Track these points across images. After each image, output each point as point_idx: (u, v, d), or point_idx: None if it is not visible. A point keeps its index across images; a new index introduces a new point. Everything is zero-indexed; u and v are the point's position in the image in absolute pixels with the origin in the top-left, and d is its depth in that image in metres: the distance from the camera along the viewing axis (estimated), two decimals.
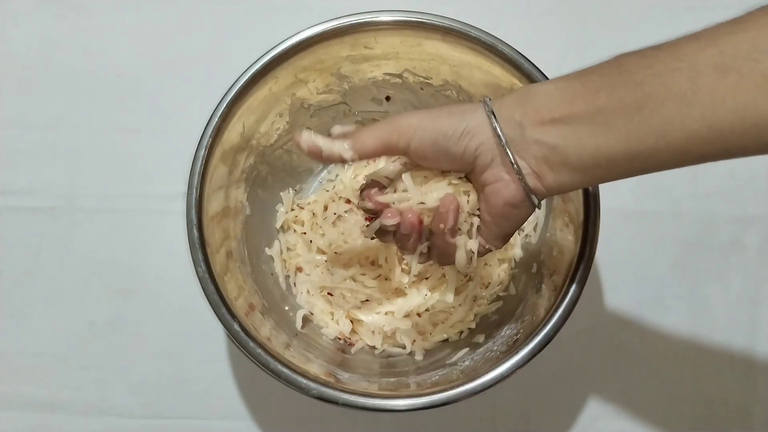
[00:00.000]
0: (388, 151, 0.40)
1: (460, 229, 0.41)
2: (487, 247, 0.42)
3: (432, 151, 0.39)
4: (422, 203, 0.41)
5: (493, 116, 0.37)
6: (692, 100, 0.31)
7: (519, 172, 0.37)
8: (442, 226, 0.40)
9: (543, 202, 0.55)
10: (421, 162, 0.40)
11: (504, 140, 0.37)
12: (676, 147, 0.32)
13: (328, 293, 0.56)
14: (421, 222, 0.41)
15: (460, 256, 0.41)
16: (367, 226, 0.44)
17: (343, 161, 0.41)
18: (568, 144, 0.35)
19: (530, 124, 0.36)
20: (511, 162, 0.37)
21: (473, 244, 0.41)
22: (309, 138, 0.41)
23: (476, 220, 0.41)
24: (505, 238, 0.42)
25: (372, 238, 0.46)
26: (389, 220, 0.41)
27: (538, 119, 0.36)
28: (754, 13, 0.31)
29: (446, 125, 0.38)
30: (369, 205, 0.42)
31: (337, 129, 0.42)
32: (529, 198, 0.38)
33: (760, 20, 0.30)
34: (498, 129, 0.37)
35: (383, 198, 0.41)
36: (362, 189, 0.43)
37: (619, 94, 0.33)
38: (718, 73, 0.30)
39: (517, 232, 0.57)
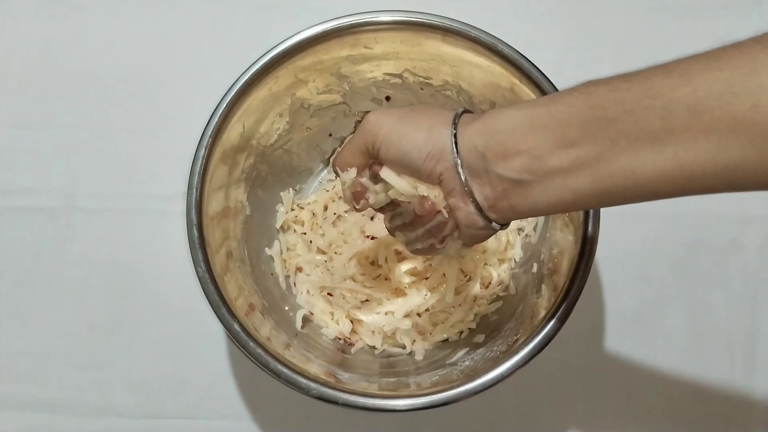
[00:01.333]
0: (368, 156, 0.40)
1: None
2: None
3: (398, 166, 0.39)
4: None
5: (455, 149, 0.36)
6: (664, 140, 0.30)
7: (479, 208, 0.36)
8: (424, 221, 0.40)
9: None
10: (390, 167, 0.40)
11: (464, 178, 0.36)
12: (646, 186, 0.31)
13: (328, 293, 0.56)
14: (437, 210, 0.40)
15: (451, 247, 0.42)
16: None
17: (356, 186, 0.41)
18: (533, 179, 0.34)
19: (494, 157, 0.35)
20: (471, 200, 0.36)
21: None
22: (347, 195, 0.42)
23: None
24: (472, 245, 0.42)
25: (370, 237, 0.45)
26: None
27: (502, 152, 0.34)
28: (728, 49, 0.29)
29: (410, 145, 0.37)
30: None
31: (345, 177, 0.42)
32: (490, 226, 0.37)
33: (734, 59, 0.29)
34: (459, 166, 0.36)
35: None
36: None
37: (590, 129, 0.32)
38: (691, 114, 0.29)
39: (517, 232, 0.57)
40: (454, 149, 0.36)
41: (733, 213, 0.61)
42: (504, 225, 0.38)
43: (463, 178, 0.36)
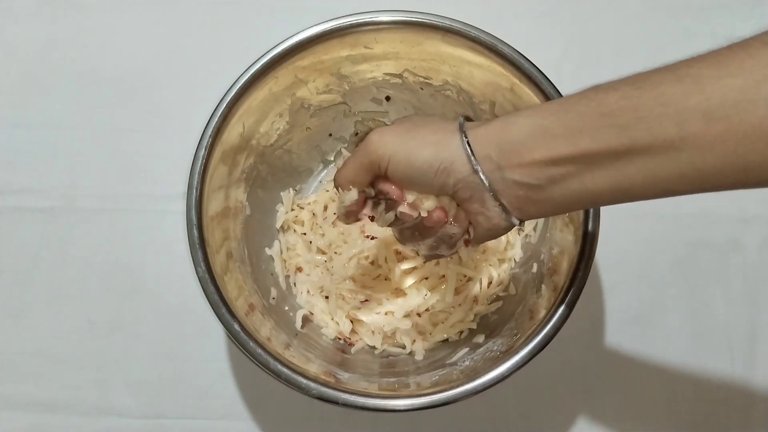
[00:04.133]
0: (374, 176, 0.40)
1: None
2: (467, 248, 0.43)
3: (408, 183, 0.39)
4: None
5: (473, 158, 0.36)
6: (680, 146, 0.30)
7: (505, 210, 0.37)
8: (434, 230, 0.41)
9: None
10: (400, 185, 0.40)
11: (488, 185, 0.36)
12: (662, 185, 0.32)
13: (326, 297, 0.56)
14: (446, 219, 0.40)
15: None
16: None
17: (353, 206, 0.41)
18: (552, 185, 0.35)
19: (509, 166, 0.35)
20: (497, 205, 0.37)
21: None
22: (341, 213, 0.42)
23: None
24: (483, 242, 0.42)
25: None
26: (408, 210, 0.40)
27: (517, 161, 0.35)
28: (736, 51, 0.30)
29: (420, 161, 0.37)
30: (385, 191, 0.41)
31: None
32: (511, 225, 0.38)
33: (745, 64, 0.29)
34: (481, 175, 0.36)
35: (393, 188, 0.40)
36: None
37: (604, 137, 0.32)
38: (706, 121, 0.29)
39: (517, 231, 0.57)
40: (472, 157, 0.36)
41: (733, 213, 0.61)
42: (522, 222, 0.38)
43: (486, 183, 0.36)
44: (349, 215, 0.43)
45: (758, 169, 0.29)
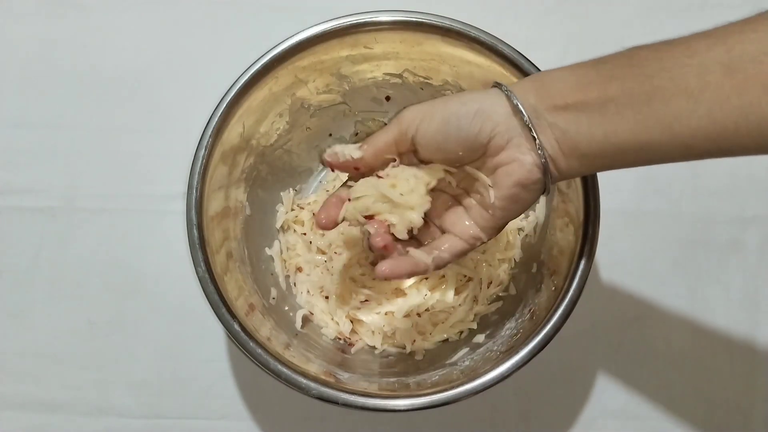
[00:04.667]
0: (398, 143, 0.41)
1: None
2: (479, 238, 0.42)
3: (441, 134, 0.39)
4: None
5: (513, 96, 0.37)
6: (699, 97, 0.31)
7: (541, 147, 0.37)
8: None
9: (542, 203, 0.55)
10: (426, 151, 0.40)
11: (527, 118, 0.37)
12: (681, 141, 0.33)
13: (326, 297, 0.56)
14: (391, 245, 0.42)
15: None
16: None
17: (355, 162, 0.42)
18: (579, 130, 0.36)
19: (544, 108, 0.36)
20: (534, 138, 0.37)
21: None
22: (330, 151, 0.42)
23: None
24: (500, 228, 0.42)
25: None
26: (375, 234, 0.42)
27: (552, 104, 0.36)
28: (765, 14, 0.31)
29: (457, 106, 0.38)
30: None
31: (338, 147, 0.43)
32: (546, 176, 0.38)
33: None
34: (521, 107, 0.37)
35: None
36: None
37: (630, 84, 0.34)
38: (725, 72, 0.31)
39: (517, 232, 0.57)
40: (513, 96, 0.37)
41: (733, 213, 0.61)
42: (554, 181, 0.39)
43: (527, 120, 0.37)
44: (330, 156, 0.42)
45: None
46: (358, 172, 0.43)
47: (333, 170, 0.44)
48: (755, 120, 0.30)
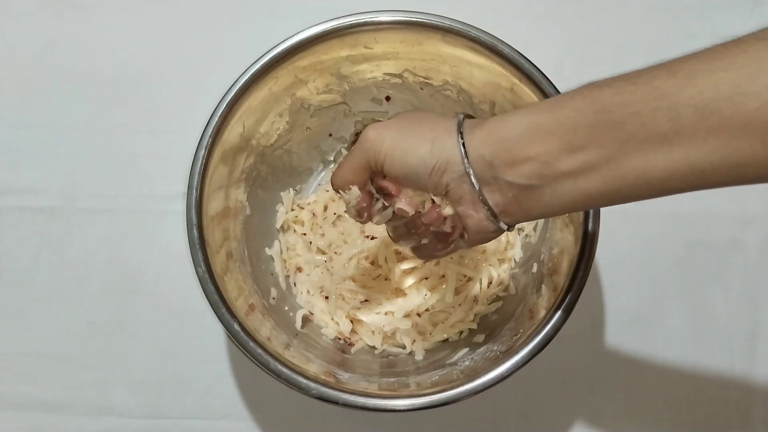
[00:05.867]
0: (368, 172, 0.40)
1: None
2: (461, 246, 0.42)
3: (404, 180, 0.39)
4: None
5: (466, 158, 0.36)
6: (674, 140, 0.30)
7: (493, 215, 0.37)
8: (431, 228, 0.41)
9: None
10: (397, 183, 0.40)
11: (477, 188, 0.36)
12: (656, 184, 0.32)
13: (326, 297, 0.56)
14: (444, 217, 0.40)
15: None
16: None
17: (361, 202, 0.41)
18: (542, 183, 0.34)
19: (501, 164, 0.35)
20: (485, 207, 0.36)
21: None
22: (353, 209, 0.42)
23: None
24: (477, 245, 0.42)
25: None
26: (406, 206, 0.40)
27: (510, 159, 0.34)
28: (730, 47, 0.30)
29: (415, 160, 0.37)
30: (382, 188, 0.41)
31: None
32: (500, 230, 0.38)
33: (738, 58, 0.29)
34: (472, 178, 0.36)
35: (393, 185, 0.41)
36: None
37: (597, 133, 0.32)
38: (699, 115, 0.29)
39: (517, 232, 0.57)
40: (465, 159, 0.36)
41: (733, 213, 0.61)
42: (511, 227, 0.38)
43: (477, 187, 0.36)
44: (361, 213, 0.42)
45: (752, 163, 0.29)
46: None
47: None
48: (734, 159, 0.29)
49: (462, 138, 0.36)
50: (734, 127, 0.29)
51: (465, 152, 0.36)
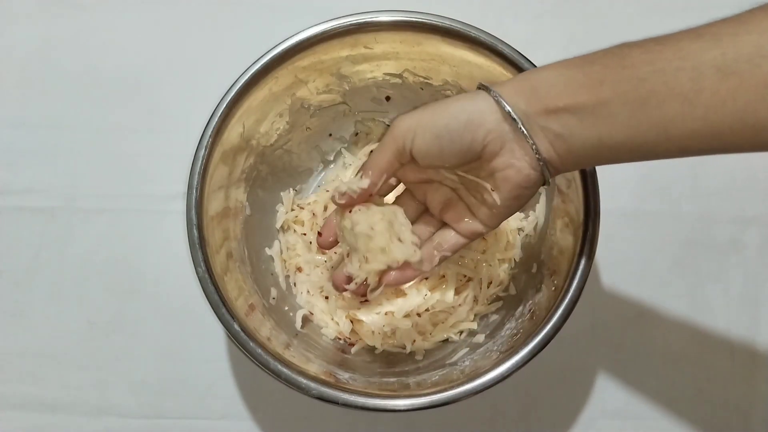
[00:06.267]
0: (398, 159, 0.41)
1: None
2: (480, 233, 0.43)
3: (436, 147, 0.39)
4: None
5: (504, 102, 0.37)
6: (694, 101, 0.31)
7: (538, 152, 0.37)
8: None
9: (542, 203, 0.55)
10: (425, 161, 0.40)
11: (521, 124, 0.36)
12: (676, 142, 0.33)
13: (326, 297, 0.56)
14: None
15: None
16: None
17: (367, 190, 0.42)
18: (572, 133, 0.35)
19: (534, 113, 0.36)
20: (530, 144, 0.37)
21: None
22: (338, 192, 0.42)
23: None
24: (503, 219, 0.42)
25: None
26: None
27: (542, 108, 0.36)
28: (756, 12, 0.31)
29: (446, 118, 0.38)
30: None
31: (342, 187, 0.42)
32: (544, 177, 0.38)
33: (762, 23, 0.30)
34: (512, 114, 0.36)
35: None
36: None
37: (623, 88, 0.33)
38: (720, 76, 0.30)
39: (517, 232, 0.57)
40: (503, 101, 0.36)
41: (733, 213, 0.61)
42: (552, 178, 0.39)
43: (521, 125, 0.36)
44: (342, 197, 0.42)
45: None
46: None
47: (349, 211, 0.43)
48: (751, 122, 0.30)
49: (493, 89, 0.37)
50: (754, 89, 0.29)
51: (501, 97, 0.37)
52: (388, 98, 0.59)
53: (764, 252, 0.60)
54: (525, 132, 0.36)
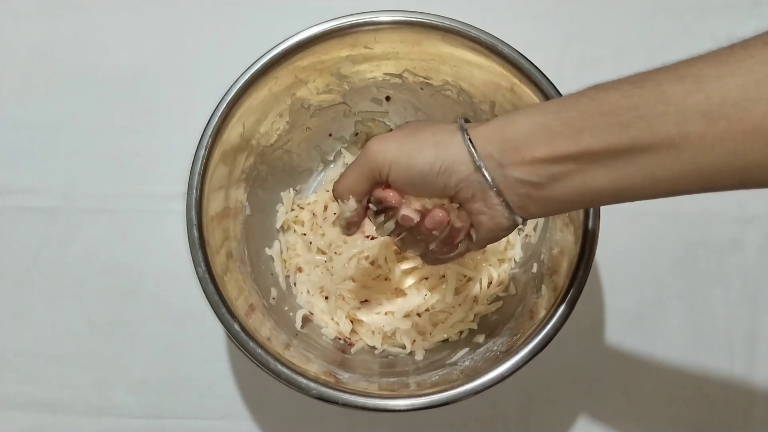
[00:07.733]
0: (374, 185, 0.40)
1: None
2: (468, 252, 0.43)
3: (410, 187, 0.39)
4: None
5: (476, 154, 0.36)
6: (681, 145, 0.30)
7: (508, 206, 0.36)
8: (436, 233, 0.40)
9: None
10: (402, 191, 0.40)
11: (491, 180, 0.36)
12: (663, 185, 0.32)
13: (326, 297, 0.56)
14: (449, 220, 0.40)
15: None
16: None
17: (359, 211, 0.41)
18: (553, 182, 0.35)
19: (510, 164, 0.35)
20: (501, 202, 0.36)
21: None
22: (343, 222, 0.42)
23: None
24: (486, 246, 0.42)
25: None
26: (411, 213, 0.40)
27: (519, 159, 0.35)
28: (736, 51, 0.30)
29: (421, 164, 0.37)
30: (383, 200, 0.41)
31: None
32: (514, 225, 0.38)
33: (745, 63, 0.29)
34: (483, 170, 0.36)
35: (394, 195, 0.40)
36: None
37: (605, 136, 0.32)
38: (706, 120, 0.30)
39: (517, 232, 0.57)
40: (475, 153, 0.36)
41: (733, 213, 0.61)
42: (525, 222, 0.38)
43: (489, 179, 0.36)
44: (350, 226, 0.43)
45: (758, 168, 0.30)
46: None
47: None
48: (740, 165, 0.30)
49: (468, 135, 0.36)
50: (742, 133, 0.29)
51: (474, 147, 0.36)
52: (388, 98, 0.59)
53: (764, 252, 0.60)
54: (495, 188, 0.36)
